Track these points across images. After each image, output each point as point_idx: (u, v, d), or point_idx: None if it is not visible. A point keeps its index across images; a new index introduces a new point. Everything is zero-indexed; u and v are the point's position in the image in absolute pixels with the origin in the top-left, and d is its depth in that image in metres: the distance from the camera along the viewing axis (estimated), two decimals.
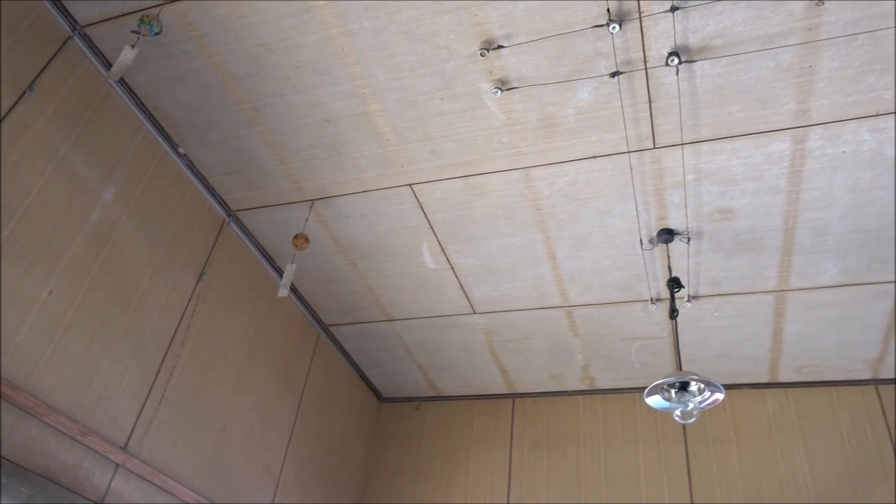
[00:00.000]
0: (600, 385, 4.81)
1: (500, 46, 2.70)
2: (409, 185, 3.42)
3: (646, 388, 3.06)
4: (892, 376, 4.28)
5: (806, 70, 2.64)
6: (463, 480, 4.76)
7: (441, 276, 4.00)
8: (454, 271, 3.94)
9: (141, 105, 3.15)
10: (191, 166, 3.44)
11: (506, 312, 4.22)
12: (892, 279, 3.54)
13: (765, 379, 4.49)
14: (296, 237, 3.53)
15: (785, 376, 4.43)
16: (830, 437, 4.23)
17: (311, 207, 3.61)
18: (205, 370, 3.41)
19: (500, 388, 5.01)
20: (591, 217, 3.45)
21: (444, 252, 3.81)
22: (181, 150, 3.36)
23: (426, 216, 3.59)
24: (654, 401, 3.10)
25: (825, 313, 3.84)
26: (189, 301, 3.36)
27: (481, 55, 2.71)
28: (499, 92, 2.84)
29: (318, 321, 4.51)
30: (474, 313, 4.27)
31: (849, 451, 4.14)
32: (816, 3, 2.42)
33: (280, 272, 4.05)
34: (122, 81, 3.05)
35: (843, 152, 2.94)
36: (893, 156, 2.92)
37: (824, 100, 2.74)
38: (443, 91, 2.92)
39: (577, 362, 4.59)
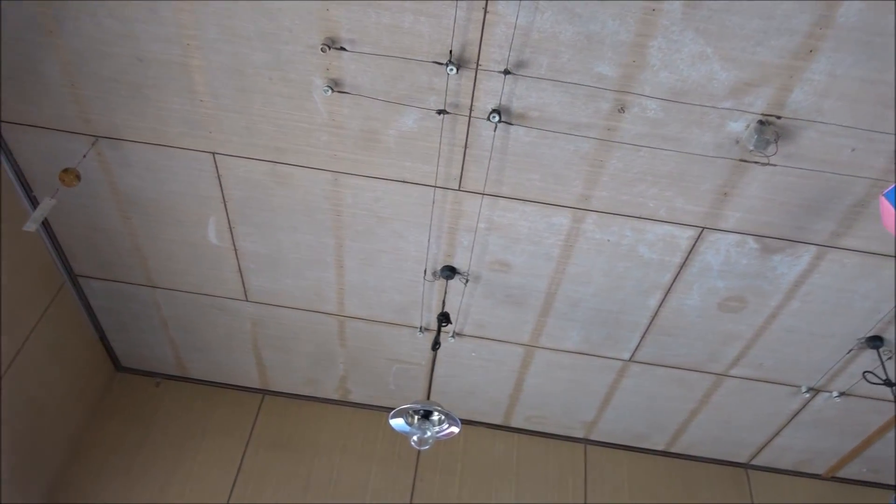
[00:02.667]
0: (353, 398, 4.89)
1: (343, 48, 2.69)
2: (213, 153, 3.23)
3: (393, 409, 3.18)
4: (601, 440, 4.93)
5: (597, 162, 3.00)
6: (186, 470, 4.50)
7: (221, 255, 3.80)
8: (237, 253, 3.78)
9: None
10: None
11: (279, 307, 4.13)
12: (620, 357, 4.11)
13: (499, 421, 4.90)
14: (65, 171, 3.13)
15: (516, 421, 4.88)
16: (538, 484, 4.72)
17: (93, 144, 3.24)
18: None
19: (253, 382, 4.85)
20: (387, 237, 3.54)
21: (231, 231, 3.64)
22: None
23: (222, 190, 3.41)
24: (398, 423, 3.23)
25: (561, 373, 4.32)
26: None
27: (322, 50, 2.67)
28: (330, 91, 2.82)
29: (67, 268, 4.02)
30: (246, 301, 4.12)
31: (549, 498, 4.66)
32: (619, 110, 2.77)
33: (34, 203, 3.56)
34: None
35: (608, 241, 3.37)
36: (644, 256, 3.41)
37: (604, 192, 3.13)
38: (274, 71, 2.83)
39: (336, 371, 4.62)
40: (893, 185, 2.59)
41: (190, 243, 3.75)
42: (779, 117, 2.71)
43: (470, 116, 2.89)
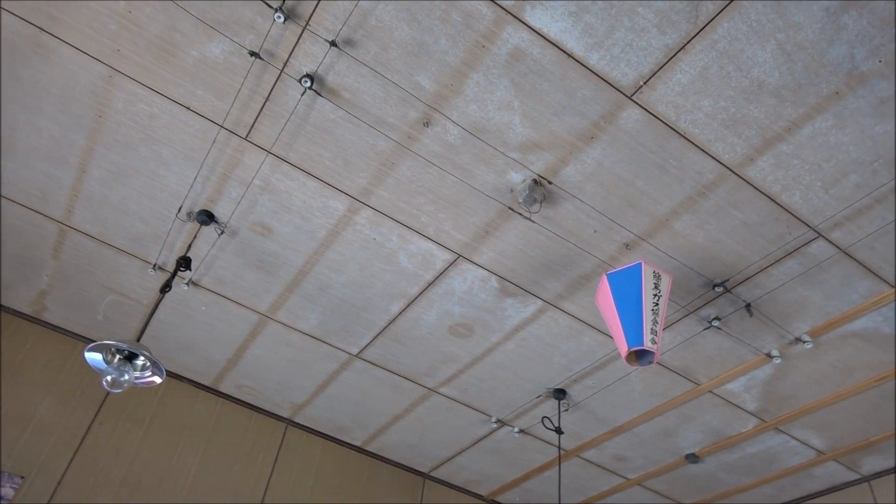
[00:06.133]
0: (49, 317, 4.31)
1: None
2: None
3: (95, 341, 2.88)
4: (304, 423, 4.97)
5: (389, 163, 3.07)
6: None
7: None
8: None
9: None
10: None
11: None
12: (349, 350, 4.20)
13: (207, 382, 4.69)
14: None
15: (225, 387, 4.71)
16: (228, 452, 4.60)
17: None
18: None
19: None
20: (149, 159, 3.21)
21: None
22: None
23: None
24: (94, 357, 2.93)
25: (287, 351, 4.29)
26: None
27: None
28: None
29: None
30: None
31: (235, 470, 4.57)
32: (424, 123, 2.87)
33: None
34: None
35: (374, 239, 3.45)
36: (401, 264, 3.55)
37: (386, 193, 3.21)
38: None
39: (38, 283, 4.04)
40: (619, 270, 3.05)
41: None
42: (550, 182, 3.04)
43: (282, 71, 2.77)
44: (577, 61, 2.59)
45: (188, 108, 2.97)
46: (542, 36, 2.53)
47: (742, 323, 3.60)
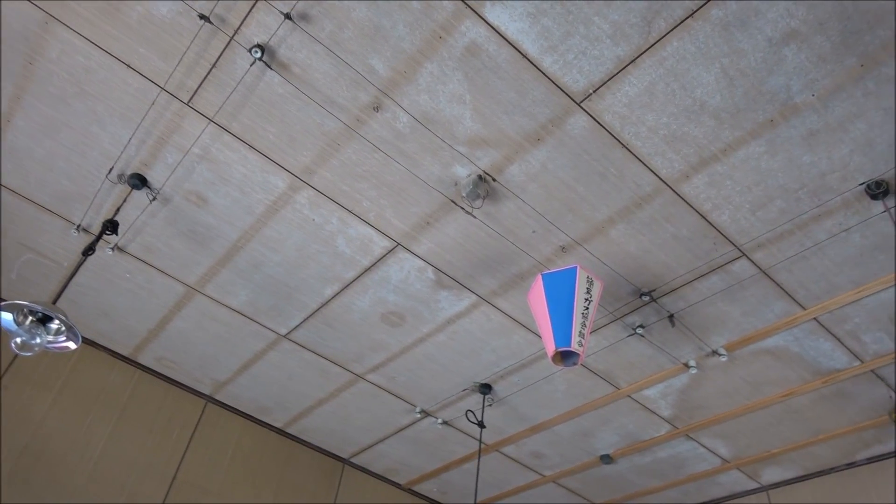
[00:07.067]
0: None
1: None
2: None
3: (6, 301, 2.72)
4: (225, 401, 4.87)
5: (335, 144, 3.03)
6: None
7: None
8: None
9: None
10: None
11: None
12: (277, 330, 4.13)
13: (126, 352, 4.52)
14: None
15: (144, 358, 4.55)
16: (142, 425, 4.45)
17: None
18: None
19: None
20: (82, 115, 3.06)
21: None
22: None
23: None
24: (4, 317, 2.77)
25: (213, 327, 4.18)
26: None
27: None
28: None
29: None
30: None
31: (148, 444, 4.42)
32: (374, 108, 2.85)
33: None
34: None
35: (314, 220, 3.40)
36: (339, 247, 3.51)
37: (329, 174, 3.17)
38: None
39: None
40: (555, 271, 3.11)
41: None
42: (494, 179, 3.07)
43: (232, 38, 2.68)
44: (532, 63, 2.62)
45: (128, 66, 2.84)
46: (499, 34, 2.54)
47: (664, 332, 3.74)
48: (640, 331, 3.72)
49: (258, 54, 2.67)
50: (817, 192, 2.94)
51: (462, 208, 3.21)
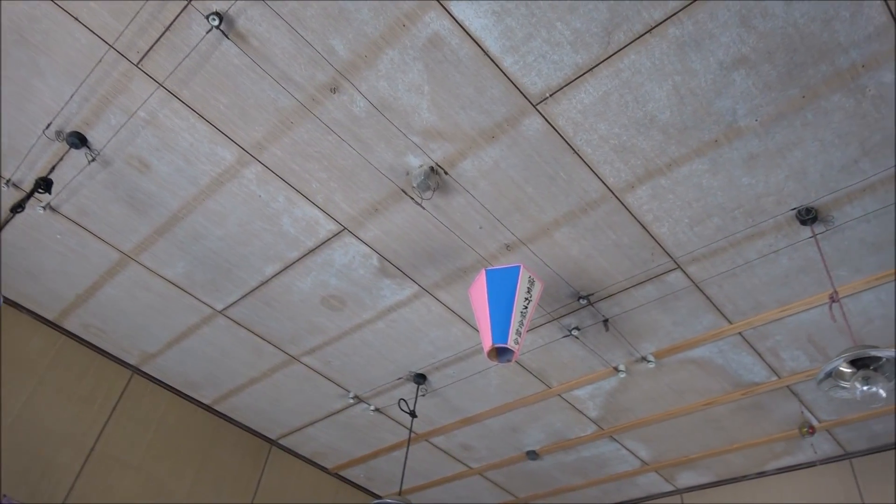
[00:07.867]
0: None
1: None
2: None
3: None
4: (152, 374, 4.73)
5: (288, 122, 2.98)
6: None
7: None
8: None
9: None
10: None
11: None
12: (213, 306, 4.04)
13: (51, 316, 4.34)
14: None
15: (70, 324, 4.38)
16: (61, 391, 4.28)
17: None
18: None
19: None
20: (22, 65, 2.90)
21: None
22: None
23: None
24: None
25: (146, 297, 4.05)
26: None
27: None
28: None
29: None
30: None
31: (68, 412, 4.27)
32: (331, 89, 2.81)
33: None
34: None
35: (260, 197, 3.34)
36: (284, 226, 3.46)
37: (280, 152, 3.11)
38: None
39: None
40: (498, 268, 3.14)
41: None
42: (446, 172, 3.08)
43: (190, 2, 2.60)
44: (492, 60, 2.64)
45: (76, 19, 2.72)
46: (463, 28, 2.55)
47: (598, 336, 3.85)
48: (575, 332, 3.81)
49: (216, 22, 2.60)
50: (752, 213, 3.07)
51: (412, 198, 3.21)
